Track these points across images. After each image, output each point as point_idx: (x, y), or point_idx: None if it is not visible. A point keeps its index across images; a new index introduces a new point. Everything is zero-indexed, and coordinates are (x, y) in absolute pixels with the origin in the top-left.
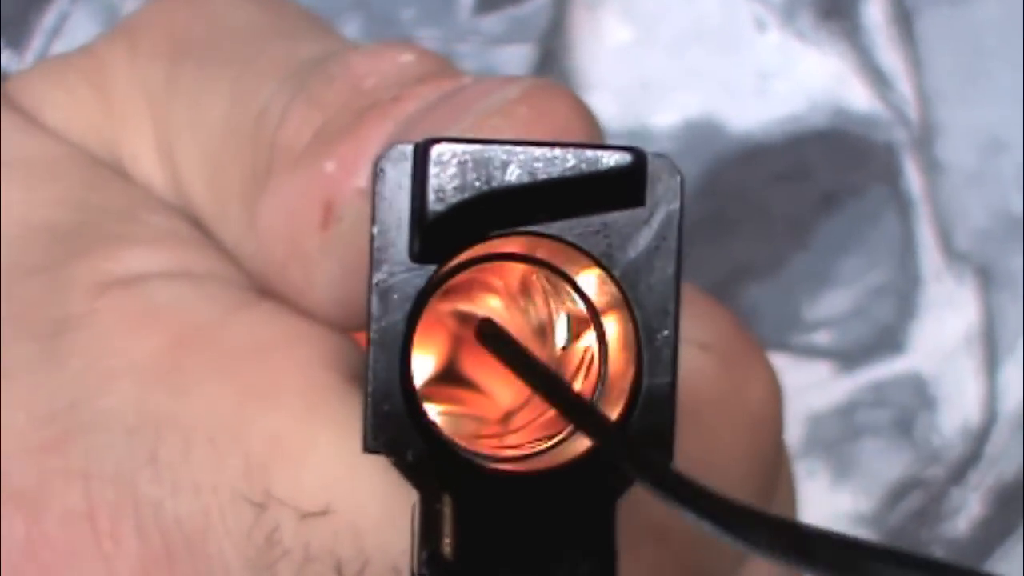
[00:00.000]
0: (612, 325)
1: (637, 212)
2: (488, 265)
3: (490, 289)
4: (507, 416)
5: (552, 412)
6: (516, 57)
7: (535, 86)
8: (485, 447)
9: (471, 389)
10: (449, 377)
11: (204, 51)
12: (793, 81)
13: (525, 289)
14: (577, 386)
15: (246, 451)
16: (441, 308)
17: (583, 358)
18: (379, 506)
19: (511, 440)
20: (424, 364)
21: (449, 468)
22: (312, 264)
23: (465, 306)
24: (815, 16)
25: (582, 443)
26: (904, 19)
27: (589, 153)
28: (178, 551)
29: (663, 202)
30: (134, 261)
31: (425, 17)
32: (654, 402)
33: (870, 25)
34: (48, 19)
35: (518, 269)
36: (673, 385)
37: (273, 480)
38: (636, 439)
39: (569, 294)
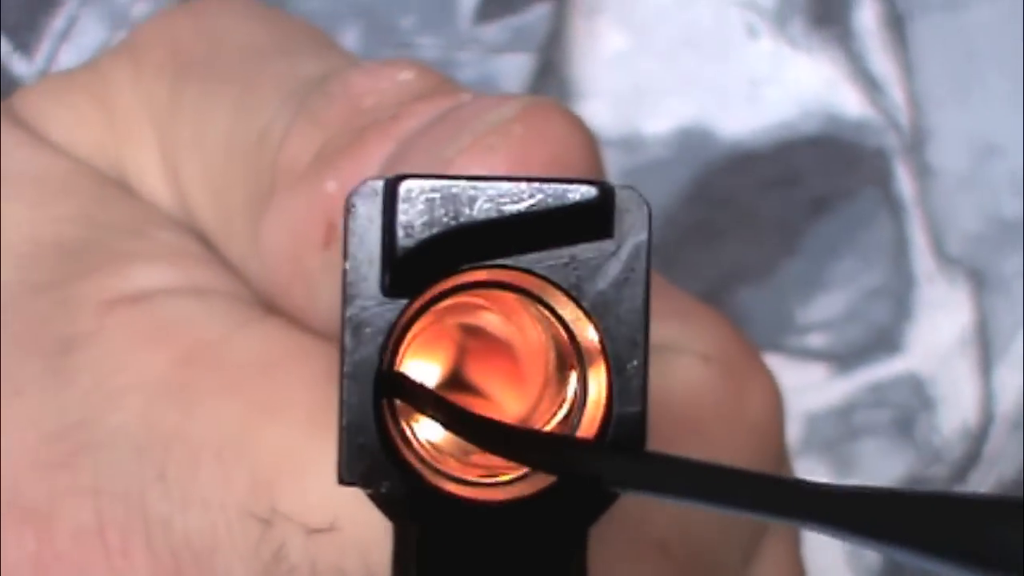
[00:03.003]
0: (591, 354)
1: (605, 244)
2: (476, 292)
3: (485, 308)
4: (521, 416)
5: (556, 421)
6: (515, 66)
7: (532, 104)
8: (469, 471)
9: (479, 397)
10: (457, 386)
11: (207, 69)
12: (784, 87)
13: (519, 310)
14: (565, 409)
15: (253, 467)
16: (445, 320)
17: (568, 384)
18: (384, 522)
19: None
20: (431, 373)
21: (423, 499)
22: (315, 282)
23: (469, 320)
24: (807, 23)
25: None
26: (896, 24)
27: (556, 187)
28: (187, 567)
29: (631, 234)
30: (141, 277)
31: (425, 25)
32: (625, 432)
33: (862, 31)
34: (57, 23)
35: (506, 296)
36: (643, 415)
37: (279, 496)
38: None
39: (553, 323)
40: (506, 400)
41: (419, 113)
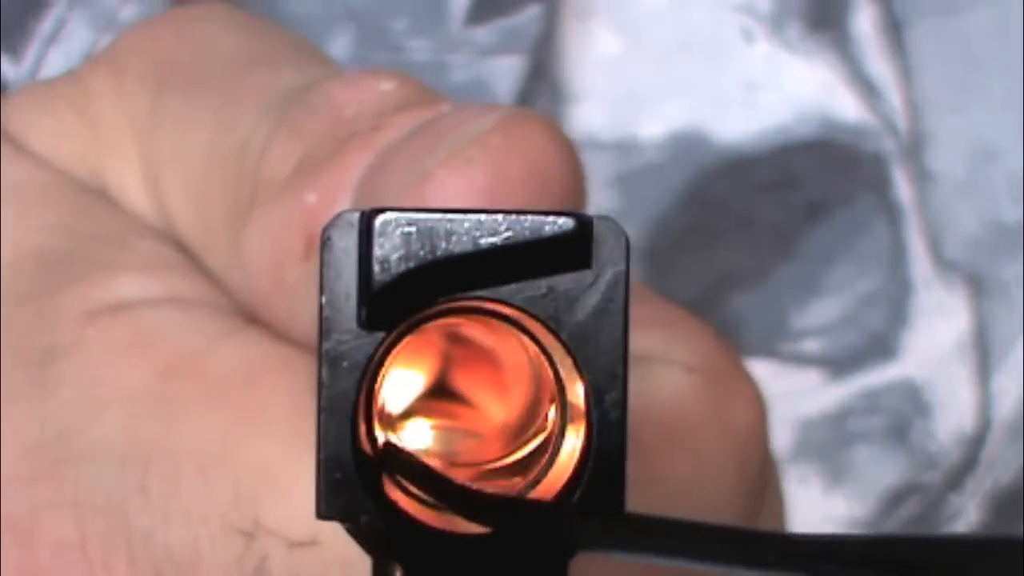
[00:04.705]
0: (570, 386)
1: (583, 275)
2: (459, 317)
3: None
4: (503, 430)
5: (535, 444)
6: (507, 68)
7: (511, 115)
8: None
9: (464, 404)
10: (442, 393)
11: (188, 80)
12: (780, 92)
13: (499, 334)
14: (541, 438)
15: (235, 480)
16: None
17: (547, 410)
18: None
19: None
20: (415, 381)
21: (402, 532)
22: (296, 295)
23: (452, 329)
24: (803, 26)
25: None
26: (894, 29)
27: (532, 219)
28: None
29: (609, 264)
30: (123, 288)
31: (416, 28)
32: (604, 464)
33: (859, 35)
34: (45, 25)
35: (488, 322)
36: (622, 447)
37: (262, 509)
38: (582, 506)
39: (534, 350)
40: (490, 408)
41: (399, 124)
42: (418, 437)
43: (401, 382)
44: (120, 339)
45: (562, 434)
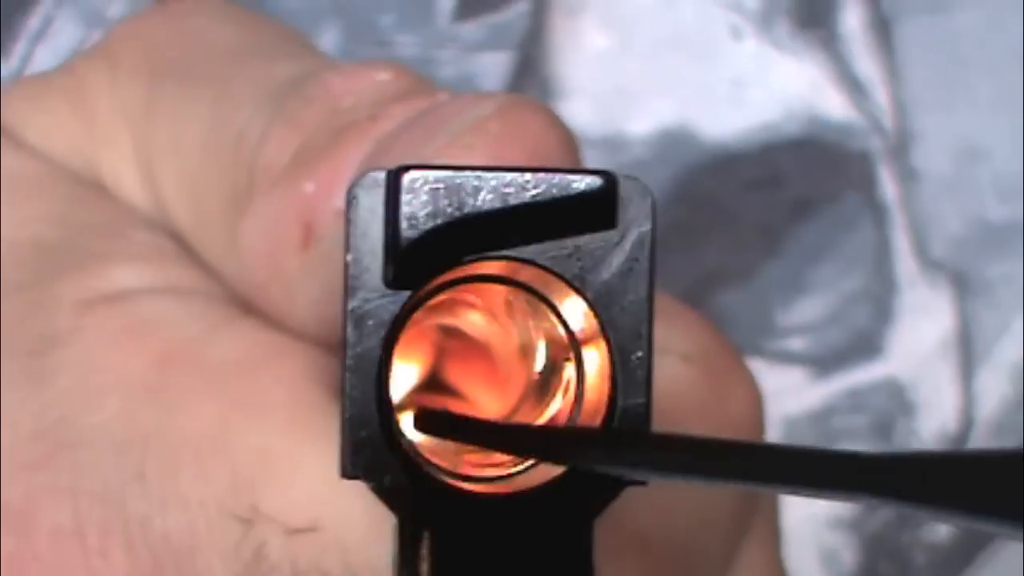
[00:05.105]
0: (591, 347)
1: (609, 234)
2: (469, 286)
3: (472, 306)
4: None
5: (544, 419)
6: (495, 64)
7: (509, 102)
8: (468, 466)
9: (457, 398)
10: (435, 387)
11: (183, 71)
12: (768, 89)
13: (507, 309)
14: (555, 407)
15: (233, 467)
16: (425, 321)
17: (561, 380)
18: (365, 521)
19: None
20: (409, 375)
21: (427, 491)
22: (293, 285)
23: (448, 321)
24: (792, 25)
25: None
26: (882, 28)
27: (560, 177)
28: (166, 567)
29: (635, 224)
30: (119, 277)
31: (404, 24)
32: (629, 423)
33: (847, 34)
34: (32, 23)
35: (499, 290)
36: (648, 406)
37: (260, 496)
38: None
39: (548, 316)
40: (484, 401)
41: (396, 114)
42: (414, 430)
43: (397, 375)
44: (117, 328)
45: (579, 401)
